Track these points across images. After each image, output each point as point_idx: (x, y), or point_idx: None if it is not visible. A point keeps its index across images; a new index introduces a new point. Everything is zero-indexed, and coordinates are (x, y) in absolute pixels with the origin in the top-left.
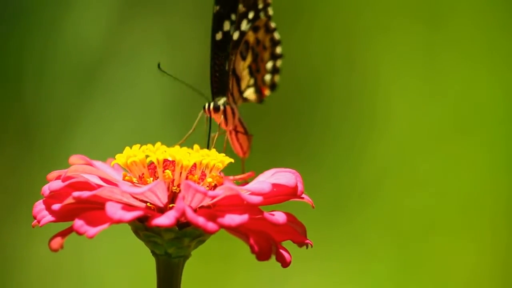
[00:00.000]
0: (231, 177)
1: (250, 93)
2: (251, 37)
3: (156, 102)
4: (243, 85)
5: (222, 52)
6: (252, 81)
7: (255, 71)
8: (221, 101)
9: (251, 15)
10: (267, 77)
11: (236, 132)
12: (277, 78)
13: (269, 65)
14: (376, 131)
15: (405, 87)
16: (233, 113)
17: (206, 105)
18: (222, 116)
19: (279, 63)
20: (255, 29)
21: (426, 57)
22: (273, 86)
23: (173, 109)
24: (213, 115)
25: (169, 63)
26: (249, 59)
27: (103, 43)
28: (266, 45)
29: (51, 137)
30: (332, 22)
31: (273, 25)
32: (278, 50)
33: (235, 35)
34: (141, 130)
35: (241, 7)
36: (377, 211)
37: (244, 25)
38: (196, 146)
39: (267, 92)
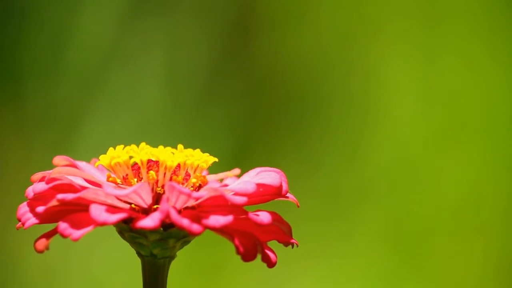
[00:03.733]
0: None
1: None
2: None
3: (161, 104)
4: None
5: None
6: None
7: None
8: None
9: None
10: None
11: None
12: None
13: None
14: (375, 131)
15: (405, 87)
16: None
17: None
18: None
19: None
20: None
21: (426, 56)
22: None
23: (177, 112)
24: None
25: (174, 65)
26: None
27: (110, 44)
28: None
29: (54, 137)
30: (332, 22)
31: None
32: None
33: None
34: (145, 132)
35: None
36: (376, 211)
37: None
38: (180, 146)
39: None
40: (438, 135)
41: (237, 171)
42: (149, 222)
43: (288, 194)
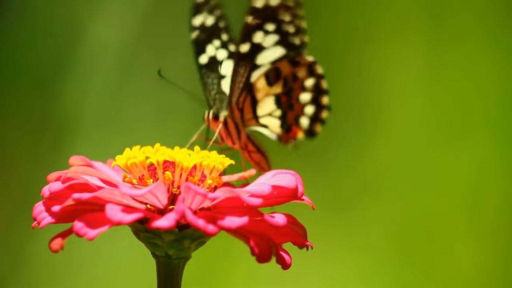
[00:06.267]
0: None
1: (273, 125)
2: (286, 68)
3: (179, 107)
4: (262, 110)
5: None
6: (278, 113)
7: (287, 106)
8: (224, 112)
9: (270, 27)
10: (304, 121)
11: (249, 151)
12: (318, 127)
13: (310, 110)
14: (379, 132)
15: (408, 87)
16: (238, 129)
17: (206, 113)
18: (224, 129)
19: (325, 114)
20: (293, 62)
21: (429, 57)
22: (311, 133)
23: (196, 116)
24: (212, 124)
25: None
26: (278, 88)
27: (128, 45)
28: (307, 87)
29: (56, 138)
30: (335, 24)
31: (320, 70)
32: (325, 100)
33: (245, 47)
34: (162, 135)
35: (250, 19)
36: (382, 211)
37: (260, 38)
38: (196, 148)
39: (299, 134)
40: (442, 135)
41: (252, 172)
42: (165, 222)
43: (303, 197)
